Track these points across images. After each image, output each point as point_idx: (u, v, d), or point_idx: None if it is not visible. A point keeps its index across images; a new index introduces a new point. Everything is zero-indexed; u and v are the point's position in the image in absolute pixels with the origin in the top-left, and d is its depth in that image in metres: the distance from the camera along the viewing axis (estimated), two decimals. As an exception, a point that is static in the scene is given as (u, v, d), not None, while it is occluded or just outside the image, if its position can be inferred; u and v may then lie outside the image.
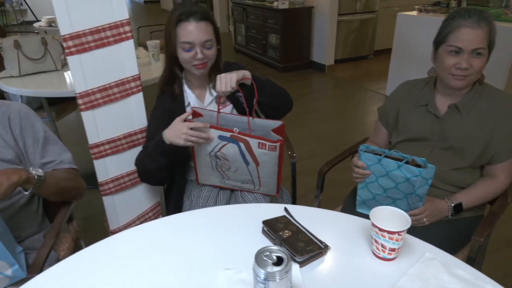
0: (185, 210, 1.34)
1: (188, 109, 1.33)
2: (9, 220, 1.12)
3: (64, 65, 2.37)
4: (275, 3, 4.85)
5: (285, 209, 1.00)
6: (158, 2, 12.47)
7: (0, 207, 1.08)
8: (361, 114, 3.86)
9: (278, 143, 1.17)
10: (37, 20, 5.59)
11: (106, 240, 0.95)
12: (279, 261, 0.65)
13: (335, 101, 4.20)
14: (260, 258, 0.65)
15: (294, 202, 1.57)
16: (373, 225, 0.80)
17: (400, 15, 3.83)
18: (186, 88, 1.35)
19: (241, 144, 1.19)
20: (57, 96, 2.37)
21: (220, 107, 1.32)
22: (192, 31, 1.20)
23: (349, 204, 1.35)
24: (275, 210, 1.02)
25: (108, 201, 1.48)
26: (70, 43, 1.20)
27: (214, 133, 1.19)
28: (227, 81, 1.17)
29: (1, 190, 0.89)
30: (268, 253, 0.66)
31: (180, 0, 9.79)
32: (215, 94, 1.35)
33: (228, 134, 1.18)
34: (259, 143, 1.17)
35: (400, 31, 3.85)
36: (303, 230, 0.89)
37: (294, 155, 1.56)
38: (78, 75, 1.25)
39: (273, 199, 1.39)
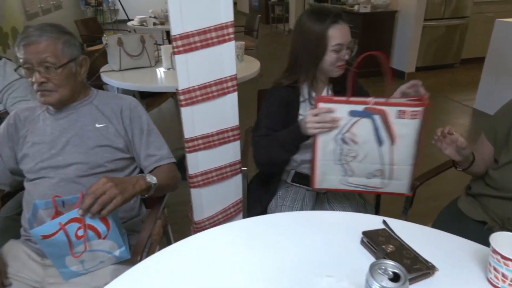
0: (271, 210, 1.35)
1: (303, 105, 1.32)
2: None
3: (157, 62, 2.54)
4: (356, 7, 4.73)
5: (384, 222, 0.96)
6: (234, 4, 12.85)
7: None
8: (444, 126, 3.60)
9: (422, 107, 1.03)
10: (128, 19, 6.08)
11: (195, 236, 0.96)
12: (395, 277, 0.62)
13: (414, 111, 3.97)
14: (375, 270, 0.63)
15: (377, 214, 1.51)
16: (495, 251, 0.73)
17: (498, 21, 3.50)
18: (306, 84, 1.32)
19: (376, 117, 1.07)
20: (149, 91, 2.57)
21: None
22: (344, 33, 1.23)
23: (444, 220, 1.26)
24: (369, 221, 0.98)
25: (196, 194, 1.55)
26: (179, 42, 1.28)
27: (344, 110, 1.08)
28: None
29: (126, 195, 0.99)
30: (384, 267, 0.63)
31: (255, 3, 9.99)
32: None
33: (361, 107, 1.06)
34: (399, 111, 1.05)
35: (498, 39, 3.52)
36: (407, 246, 0.85)
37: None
38: (183, 73, 1.32)
39: (358, 209, 1.35)
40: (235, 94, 1.42)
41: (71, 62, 1.15)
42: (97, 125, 1.21)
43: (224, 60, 1.35)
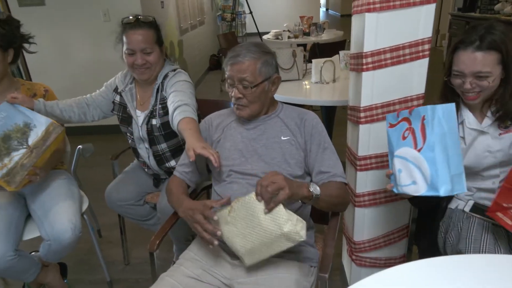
0: (448, 247, 1.21)
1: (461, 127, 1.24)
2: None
3: (305, 75, 2.59)
4: (516, 16, 4.14)
5: None
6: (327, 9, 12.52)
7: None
8: None
9: None
10: (258, 33, 6.43)
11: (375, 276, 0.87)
12: None
13: None
14: None
15: None
16: None
17: None
18: (462, 105, 1.24)
19: None
20: (296, 103, 2.63)
21: (502, 132, 1.19)
22: (469, 62, 1.12)
23: None
24: None
25: (359, 213, 1.50)
26: (369, 59, 1.26)
27: None
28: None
29: (292, 191, 1.01)
30: None
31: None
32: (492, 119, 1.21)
33: None
34: None
35: None
36: None
37: None
38: (368, 90, 1.30)
39: None
40: (419, 113, 1.34)
41: (266, 81, 1.21)
42: (282, 138, 1.25)
43: (413, 78, 1.28)
